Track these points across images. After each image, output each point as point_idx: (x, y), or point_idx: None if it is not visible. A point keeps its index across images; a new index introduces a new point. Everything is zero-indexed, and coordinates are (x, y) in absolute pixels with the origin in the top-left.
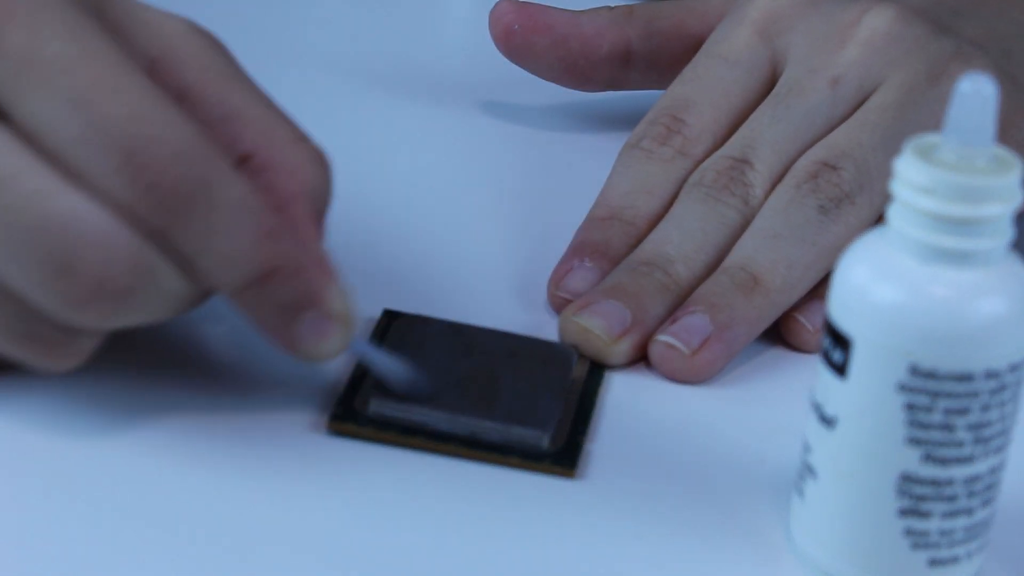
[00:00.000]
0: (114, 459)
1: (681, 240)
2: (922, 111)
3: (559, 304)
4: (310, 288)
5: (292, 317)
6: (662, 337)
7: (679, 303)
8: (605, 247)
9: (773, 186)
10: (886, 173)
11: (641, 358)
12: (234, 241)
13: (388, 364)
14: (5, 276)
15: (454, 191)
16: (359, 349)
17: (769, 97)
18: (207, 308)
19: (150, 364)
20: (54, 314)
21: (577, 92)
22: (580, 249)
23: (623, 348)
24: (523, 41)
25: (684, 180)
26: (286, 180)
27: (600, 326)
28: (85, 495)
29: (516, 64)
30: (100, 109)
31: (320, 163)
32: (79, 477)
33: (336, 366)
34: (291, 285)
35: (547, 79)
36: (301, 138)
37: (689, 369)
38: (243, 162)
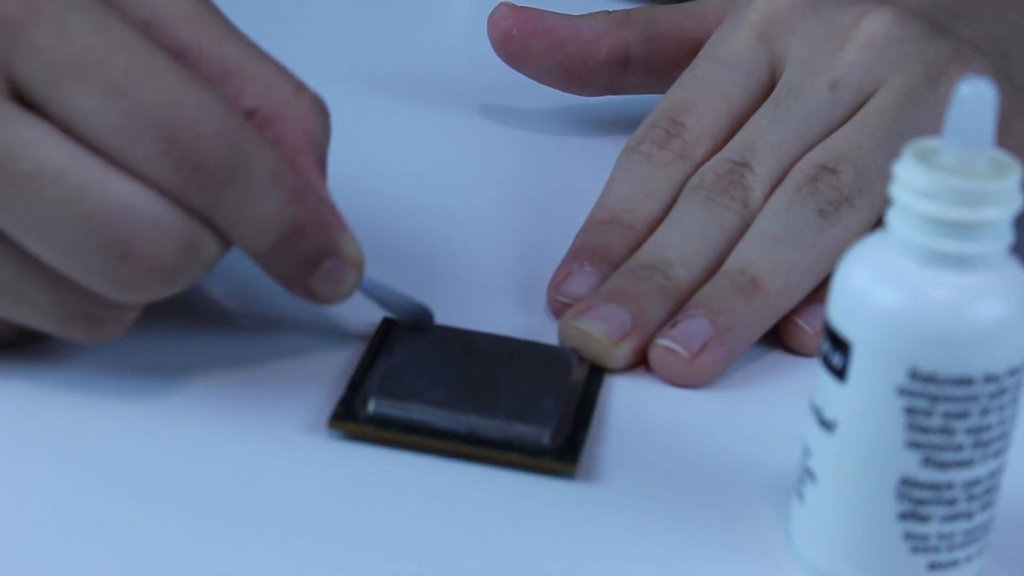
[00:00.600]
0: (112, 458)
1: (681, 243)
2: (921, 113)
3: (559, 308)
4: (329, 239)
5: (312, 269)
6: (662, 341)
7: (679, 306)
8: (605, 251)
9: (773, 189)
10: (885, 175)
11: (641, 362)
12: (270, 207)
13: (395, 297)
14: (59, 265)
15: (453, 195)
16: (367, 286)
17: (768, 100)
18: (205, 308)
19: (149, 362)
20: (108, 296)
21: (576, 96)
22: (580, 253)
23: (623, 352)
24: (521, 45)
25: (684, 183)
26: (293, 131)
27: (600, 330)
28: (83, 488)
29: (515, 68)
30: (137, 97)
31: (321, 111)
32: (76, 476)
33: (336, 367)
34: (314, 240)
35: (545, 83)
36: (300, 87)
37: (689, 373)
38: (249, 116)
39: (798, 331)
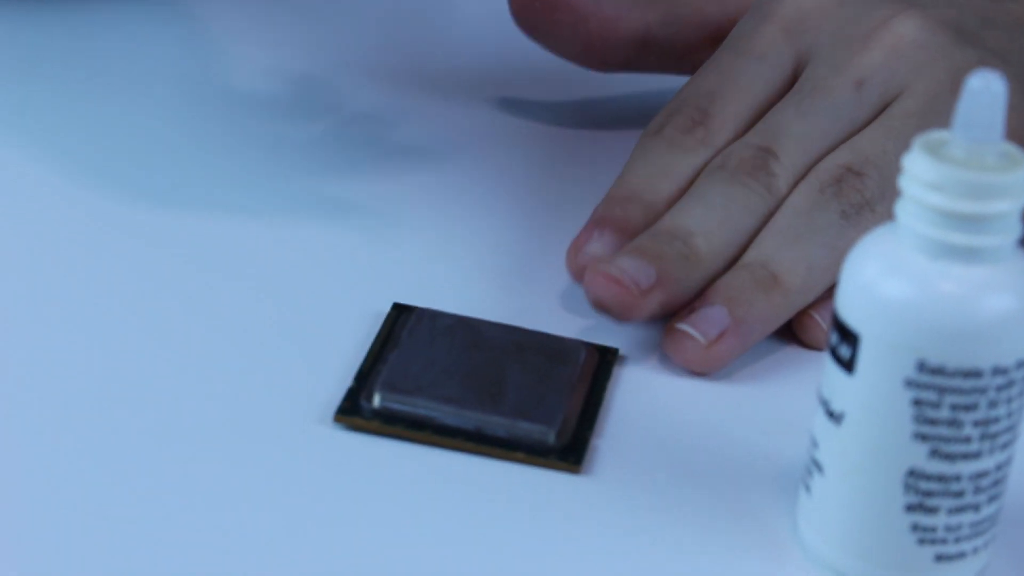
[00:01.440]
0: (118, 450)
1: (703, 215)
2: (944, 120)
3: (578, 270)
4: None
5: None
6: (680, 325)
7: (697, 275)
8: (625, 223)
9: (796, 181)
10: None
11: (649, 350)
12: None
13: None
14: None
15: (464, 185)
16: None
17: (793, 92)
18: (213, 301)
19: (156, 358)
20: None
21: (588, 87)
22: (600, 223)
23: (650, 304)
24: (543, 18)
25: (704, 168)
26: None
27: (629, 278)
28: (83, 500)
29: (533, 40)
30: None
31: None
32: (84, 466)
33: (344, 360)
34: None
35: (564, 57)
36: None
37: (703, 359)
38: None
39: (813, 325)
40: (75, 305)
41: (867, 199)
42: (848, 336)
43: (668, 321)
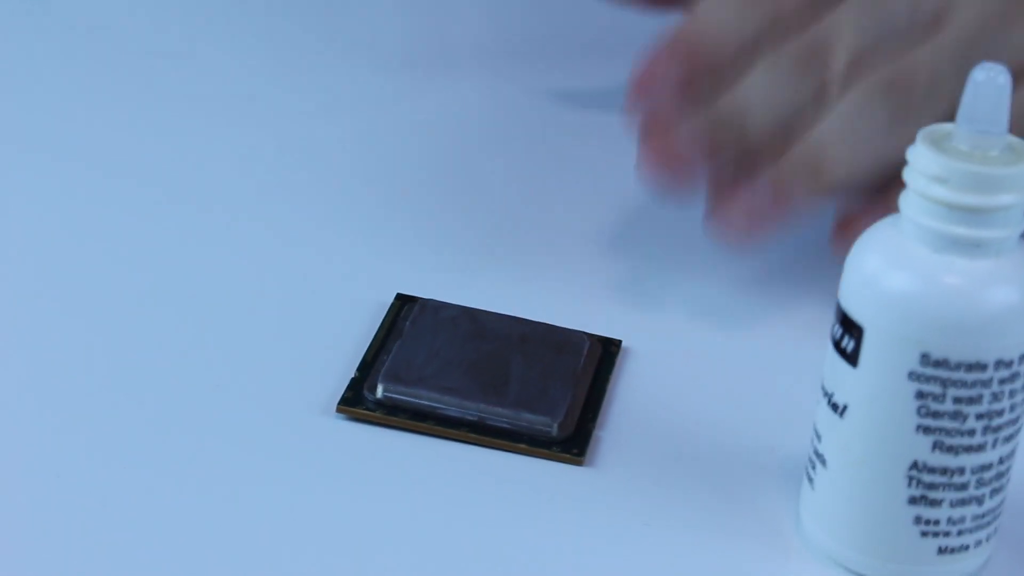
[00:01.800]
0: (121, 440)
1: (759, 107)
2: (991, 49)
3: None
4: None
5: None
6: (724, 205)
7: (744, 167)
8: (694, 61)
9: (847, 85)
10: (951, 96)
11: (653, 343)
12: None
13: None
14: None
15: (467, 175)
16: None
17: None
18: (216, 292)
19: (159, 348)
20: None
21: (596, 72)
22: (668, 58)
23: (693, 189)
24: None
25: (768, 30)
26: None
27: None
28: (86, 490)
29: None
30: None
31: None
32: (80, 462)
33: (347, 351)
34: None
35: (628, 5)
36: None
37: (744, 237)
38: None
39: (845, 245)
40: (77, 296)
41: (914, 107)
42: (852, 328)
43: (712, 200)
